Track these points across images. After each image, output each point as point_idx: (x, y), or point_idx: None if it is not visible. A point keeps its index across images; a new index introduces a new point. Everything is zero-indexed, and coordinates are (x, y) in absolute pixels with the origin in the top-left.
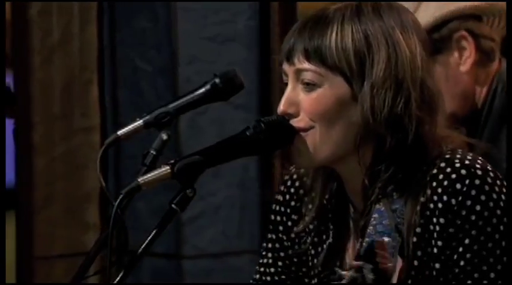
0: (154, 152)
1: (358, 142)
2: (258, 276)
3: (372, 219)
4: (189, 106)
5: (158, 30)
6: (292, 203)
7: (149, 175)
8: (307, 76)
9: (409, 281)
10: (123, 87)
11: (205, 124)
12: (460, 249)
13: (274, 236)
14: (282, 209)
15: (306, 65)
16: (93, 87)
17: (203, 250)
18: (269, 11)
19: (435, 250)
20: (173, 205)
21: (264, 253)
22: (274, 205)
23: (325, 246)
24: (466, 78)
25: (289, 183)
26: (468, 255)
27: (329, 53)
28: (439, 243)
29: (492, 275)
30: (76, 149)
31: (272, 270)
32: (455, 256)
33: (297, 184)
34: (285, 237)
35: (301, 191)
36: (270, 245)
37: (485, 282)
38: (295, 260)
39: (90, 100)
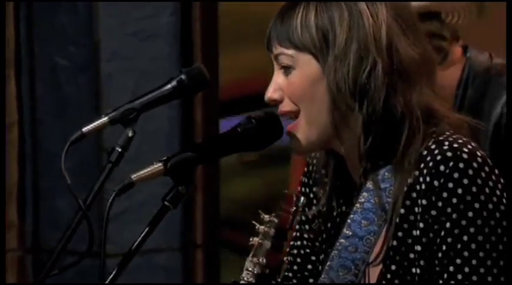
0: (119, 149)
1: (336, 120)
2: (288, 249)
3: (361, 197)
4: (155, 103)
5: (78, 25)
6: (311, 182)
7: (142, 172)
8: (282, 59)
9: (387, 262)
10: (42, 83)
11: None
12: (442, 233)
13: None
14: (303, 189)
15: (279, 49)
16: (11, 83)
17: (127, 248)
18: (190, 6)
19: (418, 232)
20: (166, 202)
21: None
22: (299, 187)
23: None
24: None
25: (310, 163)
26: (449, 240)
27: (295, 33)
28: (421, 225)
29: (474, 261)
30: None
31: (298, 243)
32: (438, 240)
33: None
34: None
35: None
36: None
37: (466, 269)
38: (318, 237)
39: (8, 96)
